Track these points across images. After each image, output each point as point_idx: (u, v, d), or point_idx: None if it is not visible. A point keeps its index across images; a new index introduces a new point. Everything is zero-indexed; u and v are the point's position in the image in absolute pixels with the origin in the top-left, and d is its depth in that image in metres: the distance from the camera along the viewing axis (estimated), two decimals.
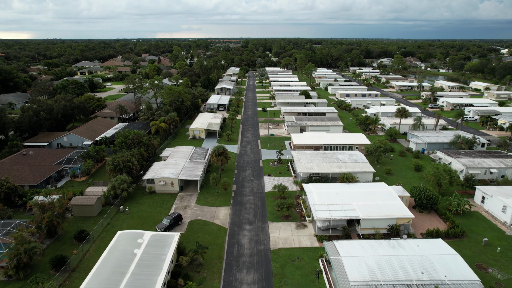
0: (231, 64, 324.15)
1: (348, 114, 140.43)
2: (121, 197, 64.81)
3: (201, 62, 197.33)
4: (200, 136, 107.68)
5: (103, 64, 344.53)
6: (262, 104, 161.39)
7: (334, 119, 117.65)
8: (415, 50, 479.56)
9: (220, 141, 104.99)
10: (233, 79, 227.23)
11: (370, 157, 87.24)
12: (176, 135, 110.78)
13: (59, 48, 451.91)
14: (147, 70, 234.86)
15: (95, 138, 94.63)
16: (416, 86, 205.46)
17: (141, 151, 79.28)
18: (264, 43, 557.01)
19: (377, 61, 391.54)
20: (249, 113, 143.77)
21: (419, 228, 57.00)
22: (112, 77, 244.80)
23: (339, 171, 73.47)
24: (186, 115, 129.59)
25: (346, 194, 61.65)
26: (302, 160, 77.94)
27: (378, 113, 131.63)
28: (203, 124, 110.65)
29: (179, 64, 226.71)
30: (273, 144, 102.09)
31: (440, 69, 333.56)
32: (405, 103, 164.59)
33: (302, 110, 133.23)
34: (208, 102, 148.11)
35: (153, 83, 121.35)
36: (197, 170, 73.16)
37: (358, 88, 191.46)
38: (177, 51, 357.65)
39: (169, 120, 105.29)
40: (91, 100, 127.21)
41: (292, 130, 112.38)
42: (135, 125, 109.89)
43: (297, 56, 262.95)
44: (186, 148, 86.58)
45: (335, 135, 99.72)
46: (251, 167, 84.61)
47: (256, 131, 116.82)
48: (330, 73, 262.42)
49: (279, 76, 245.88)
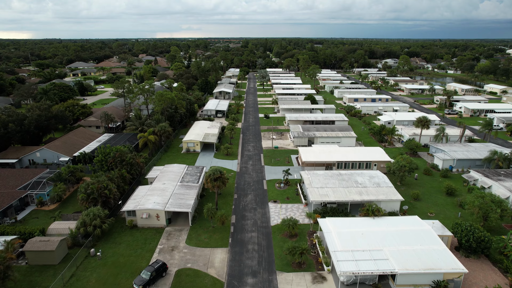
0: (231, 65, 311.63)
1: (359, 122, 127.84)
2: (94, 236, 52.26)
3: (199, 63, 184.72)
4: (195, 149, 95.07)
5: (97, 65, 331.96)
6: (264, 109, 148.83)
7: (346, 128, 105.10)
8: (419, 50, 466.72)
9: (218, 155, 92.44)
10: (233, 81, 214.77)
11: (391, 176, 74.84)
12: (168, 148, 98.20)
13: (53, 48, 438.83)
14: (141, 72, 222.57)
15: (74, 154, 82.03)
16: (427, 89, 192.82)
17: (122, 173, 66.73)
18: (264, 43, 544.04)
19: (381, 61, 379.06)
20: (250, 120, 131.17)
21: (471, 284, 44.38)
22: (105, 79, 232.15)
23: (360, 199, 60.96)
24: (180, 124, 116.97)
25: (373, 234, 49.10)
26: (315, 184, 65.40)
27: (393, 121, 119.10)
28: (199, 135, 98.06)
29: (175, 66, 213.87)
30: (278, 159, 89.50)
31: (448, 70, 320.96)
32: (418, 109, 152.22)
33: (308, 117, 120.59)
34: (205, 108, 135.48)
35: (143, 88, 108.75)
36: (188, 198, 60.61)
37: (367, 92, 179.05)
38: (175, 52, 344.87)
39: (159, 132, 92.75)
40: (75, 107, 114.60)
41: (298, 142, 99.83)
42: (121, 136, 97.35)
43: (300, 57, 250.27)
44: (177, 168, 73.99)
45: (350, 149, 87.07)
46: (253, 190, 72.02)
47: (258, 142, 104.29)
48: (334, 75, 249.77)
49: (281, 78, 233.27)
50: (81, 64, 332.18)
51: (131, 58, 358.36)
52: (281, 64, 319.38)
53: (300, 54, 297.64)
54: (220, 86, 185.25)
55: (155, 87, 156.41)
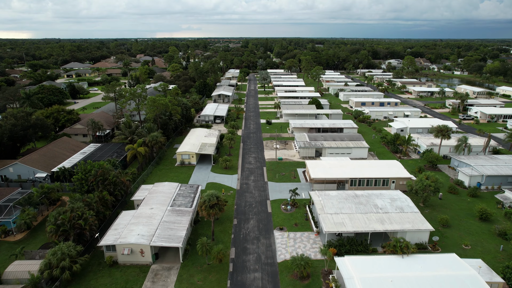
0: (231, 66, 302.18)
1: (369, 129, 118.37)
2: (62, 281, 42.87)
3: (197, 65, 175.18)
4: (190, 162, 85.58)
5: (93, 66, 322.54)
6: (266, 114, 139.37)
7: (356, 137, 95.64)
8: (423, 50, 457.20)
9: (216, 168, 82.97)
10: (232, 83, 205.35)
11: (412, 195, 65.51)
12: (161, 159, 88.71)
13: (49, 49, 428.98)
14: (137, 73, 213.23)
15: (52, 169, 72.59)
16: (437, 91, 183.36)
17: (104, 195, 57.30)
18: (265, 43, 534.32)
19: (384, 62, 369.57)
20: (251, 126, 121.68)
21: None
22: (100, 80, 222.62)
23: (382, 229, 51.57)
24: (175, 132, 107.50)
25: (406, 282, 39.69)
26: (328, 209, 55.99)
27: (406, 128, 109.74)
28: (194, 145, 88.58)
29: (172, 67, 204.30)
30: (283, 173, 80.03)
31: (454, 71, 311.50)
32: (430, 113, 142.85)
33: (314, 124, 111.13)
34: (203, 114, 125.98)
35: (134, 93, 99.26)
36: (179, 228, 51.16)
37: (374, 95, 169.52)
38: (173, 52, 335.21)
39: (151, 142, 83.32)
40: (60, 113, 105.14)
41: (305, 153, 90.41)
42: (109, 147, 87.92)
43: (302, 57, 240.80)
44: (168, 187, 64.54)
45: (364, 163, 77.61)
46: (255, 213, 62.60)
47: (260, 152, 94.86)
48: (338, 76, 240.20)
49: (283, 79, 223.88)
50: (76, 65, 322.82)
51: (128, 59, 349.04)
52: (282, 64, 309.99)
53: (302, 55, 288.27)
54: (219, 88, 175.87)
55: (148, 90, 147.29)
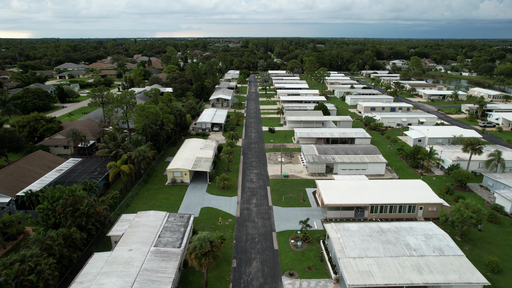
0: (230, 67, 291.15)
1: (382, 138, 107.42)
2: None
3: (194, 66, 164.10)
4: (182, 180, 74.59)
5: (88, 67, 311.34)
6: (268, 121, 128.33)
7: (371, 150, 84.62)
8: (428, 50, 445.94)
9: (212, 188, 72.01)
10: (232, 85, 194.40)
11: (446, 226, 54.64)
12: (150, 177, 77.65)
13: (44, 48, 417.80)
14: (132, 75, 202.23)
15: (18, 193, 61.58)
16: (449, 95, 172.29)
17: (71, 232, 46.30)
18: (265, 42, 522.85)
19: (388, 63, 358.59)
20: (252, 135, 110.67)
21: None
22: (92, 82, 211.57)
23: (422, 282, 40.59)
24: (168, 142, 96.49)
25: None
26: (349, 251, 45.00)
27: (424, 138, 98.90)
28: (188, 160, 77.51)
29: (168, 68, 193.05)
30: (290, 195, 69.03)
31: (462, 72, 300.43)
32: (445, 119, 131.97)
33: (323, 134, 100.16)
34: (200, 121, 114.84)
35: (121, 99, 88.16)
36: (163, 281, 40.02)
37: (383, 99, 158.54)
38: (170, 52, 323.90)
39: (137, 158, 72.35)
40: (38, 122, 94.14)
41: (314, 169, 79.47)
42: (91, 162, 76.97)
43: (305, 58, 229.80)
44: (154, 218, 53.48)
45: (384, 185, 66.53)
46: (259, 251, 51.55)
47: (263, 167, 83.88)
48: (343, 78, 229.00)
49: (285, 81, 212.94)
50: (70, 65, 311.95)
51: (124, 59, 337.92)
52: (284, 65, 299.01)
53: (305, 55, 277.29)
54: (218, 91, 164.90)
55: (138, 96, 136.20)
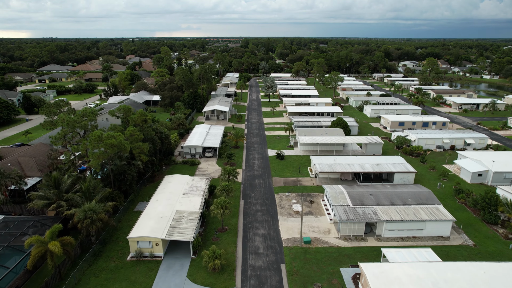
0: (229, 69, 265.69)
1: (424, 168, 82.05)
2: None
3: (185, 71, 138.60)
4: (153, 253, 49.21)
5: (74, 69, 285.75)
6: (275, 141, 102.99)
7: (426, 197, 59.13)
8: (438, 51, 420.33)
9: (197, 268, 46.60)
10: (230, 91, 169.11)
11: None
12: (105, 245, 52.23)
13: (31, 48, 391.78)
14: (116, 79, 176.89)
15: None
16: (485, 104, 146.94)
17: None
18: (266, 42, 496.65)
19: (398, 64, 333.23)
20: (255, 164, 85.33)
21: None
22: (72, 88, 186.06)
23: None
24: (141, 181, 70.98)
25: None
26: None
27: (487, 172, 73.68)
28: (163, 219, 52.10)
29: (157, 73, 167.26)
30: (319, 285, 43.62)
31: (482, 74, 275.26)
32: (490, 136, 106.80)
33: (351, 166, 74.69)
34: (187, 144, 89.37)
35: (74, 122, 62.75)
36: None
37: (409, 110, 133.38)
38: (164, 53, 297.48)
39: (83, 222, 47.09)
40: None
41: (348, 230, 54.17)
42: (19, 221, 51.68)
43: (313, 60, 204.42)
44: None
45: (470, 274, 41.13)
46: None
47: (272, 223, 58.63)
48: (356, 83, 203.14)
49: (290, 86, 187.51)
50: (55, 67, 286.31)
51: (114, 60, 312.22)
52: (287, 67, 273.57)
53: (311, 57, 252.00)
54: (214, 100, 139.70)
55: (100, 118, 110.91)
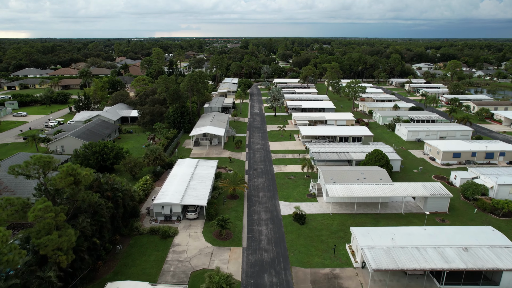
0: (227, 73, 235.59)
1: None
2: None
3: (169, 81, 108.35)
4: None
5: (54, 73, 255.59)
6: (289, 184, 72.70)
7: None
8: (453, 52, 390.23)
9: None
10: (228, 103, 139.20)
11: None
12: None
13: (13, 50, 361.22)
14: (91, 88, 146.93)
15: None
16: None
17: None
18: (268, 43, 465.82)
19: (413, 67, 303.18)
20: (262, 236, 54.96)
21: None
22: (38, 98, 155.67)
23: None
24: (95, 266, 40.65)
25: None
26: None
27: None
28: None
29: (137, 82, 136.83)
30: None
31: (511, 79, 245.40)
32: None
33: (425, 256, 44.56)
34: (158, 202, 58.92)
35: None
36: None
37: (456, 131, 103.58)
38: (157, 55, 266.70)
39: None
40: None
41: None
42: None
43: (326, 65, 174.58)
44: None
45: None
46: None
47: None
48: (376, 91, 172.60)
49: (299, 96, 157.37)
50: (32, 71, 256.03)
51: (101, 63, 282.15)
52: (292, 71, 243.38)
53: (322, 60, 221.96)
54: (206, 119, 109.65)
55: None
